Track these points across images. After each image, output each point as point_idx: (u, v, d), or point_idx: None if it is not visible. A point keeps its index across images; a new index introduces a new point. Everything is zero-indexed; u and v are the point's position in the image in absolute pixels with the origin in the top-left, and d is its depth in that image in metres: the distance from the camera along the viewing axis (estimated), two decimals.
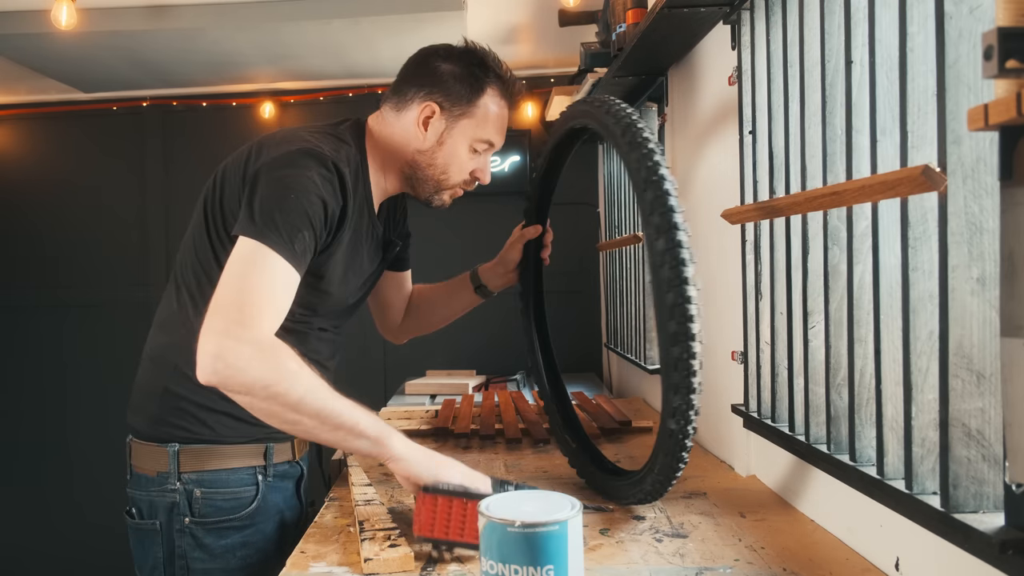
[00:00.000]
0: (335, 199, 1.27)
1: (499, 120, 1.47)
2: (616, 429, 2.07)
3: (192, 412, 1.35)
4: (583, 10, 2.55)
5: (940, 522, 0.93)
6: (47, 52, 2.92)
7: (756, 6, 1.52)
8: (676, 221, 1.15)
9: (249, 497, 1.39)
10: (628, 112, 1.28)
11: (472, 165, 1.49)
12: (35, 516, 3.69)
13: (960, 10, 0.88)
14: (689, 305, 1.13)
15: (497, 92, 1.45)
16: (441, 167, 1.46)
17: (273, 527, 1.43)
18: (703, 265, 1.96)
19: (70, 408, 3.69)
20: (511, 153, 3.52)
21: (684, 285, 1.13)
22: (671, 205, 1.15)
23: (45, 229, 3.81)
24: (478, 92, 1.43)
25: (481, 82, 1.43)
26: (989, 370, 0.89)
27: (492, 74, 1.44)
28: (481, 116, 1.44)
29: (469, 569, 1.14)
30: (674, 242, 1.15)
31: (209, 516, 1.36)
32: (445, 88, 1.41)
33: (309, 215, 1.21)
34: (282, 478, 1.47)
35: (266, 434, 1.38)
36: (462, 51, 1.45)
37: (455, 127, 1.43)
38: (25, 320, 3.77)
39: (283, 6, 2.63)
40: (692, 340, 1.13)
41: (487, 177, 1.53)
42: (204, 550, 1.36)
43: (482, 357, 3.49)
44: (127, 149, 3.82)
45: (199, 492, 1.35)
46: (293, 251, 1.18)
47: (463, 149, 1.45)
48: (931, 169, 0.87)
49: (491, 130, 1.46)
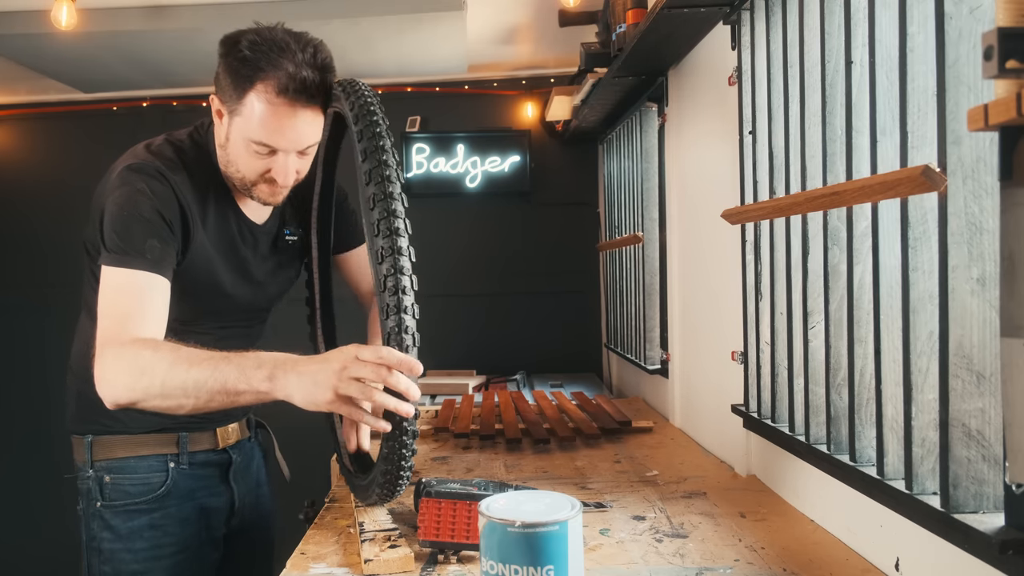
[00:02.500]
0: (171, 207, 1.31)
1: (271, 120, 1.26)
2: (616, 429, 2.07)
3: (101, 409, 1.35)
4: (583, 10, 2.55)
5: (940, 522, 0.93)
6: (47, 52, 2.92)
7: (756, 6, 1.52)
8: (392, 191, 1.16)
9: (158, 482, 1.47)
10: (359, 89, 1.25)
11: (261, 166, 1.32)
12: (26, 515, 3.70)
13: (960, 10, 0.88)
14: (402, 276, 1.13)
15: (271, 88, 1.23)
16: (234, 165, 1.34)
17: (189, 512, 1.50)
18: (703, 265, 1.97)
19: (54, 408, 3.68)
20: (511, 153, 3.51)
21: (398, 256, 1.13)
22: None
23: (45, 229, 3.81)
24: (243, 88, 1.25)
25: (245, 77, 1.24)
26: (989, 370, 0.89)
27: (265, 67, 1.23)
28: (247, 115, 1.26)
29: (469, 569, 1.14)
30: (388, 211, 1.14)
31: (117, 500, 1.45)
32: (219, 82, 1.30)
33: (150, 224, 1.27)
34: (202, 465, 1.53)
35: (174, 422, 1.45)
36: (235, 38, 1.27)
37: (232, 125, 1.30)
38: (24, 320, 3.77)
39: (283, 6, 2.62)
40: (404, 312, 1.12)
41: (283, 179, 1.32)
42: (111, 531, 1.45)
43: (482, 357, 3.48)
44: (127, 149, 3.82)
45: (108, 478, 1.45)
46: (147, 260, 1.25)
47: (242, 149, 1.31)
48: (931, 169, 0.87)
49: (260, 131, 1.27)
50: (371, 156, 1.18)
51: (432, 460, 1.82)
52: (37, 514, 3.70)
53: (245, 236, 1.47)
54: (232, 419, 1.59)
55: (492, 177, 3.54)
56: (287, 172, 1.32)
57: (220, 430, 1.56)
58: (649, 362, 2.58)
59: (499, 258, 3.60)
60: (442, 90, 3.54)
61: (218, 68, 1.30)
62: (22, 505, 3.71)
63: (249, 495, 1.63)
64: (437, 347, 3.56)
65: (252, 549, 1.67)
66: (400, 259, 1.14)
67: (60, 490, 3.42)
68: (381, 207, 1.15)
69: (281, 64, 1.24)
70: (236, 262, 1.47)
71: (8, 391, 3.78)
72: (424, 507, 1.18)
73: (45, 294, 3.72)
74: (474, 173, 3.52)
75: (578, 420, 2.13)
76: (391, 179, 1.16)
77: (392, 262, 1.13)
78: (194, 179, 1.37)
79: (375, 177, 1.16)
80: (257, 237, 1.49)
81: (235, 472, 1.59)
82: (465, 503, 1.16)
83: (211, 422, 1.52)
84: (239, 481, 1.60)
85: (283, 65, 1.24)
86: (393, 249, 1.14)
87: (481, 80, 3.57)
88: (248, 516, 1.63)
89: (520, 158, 3.53)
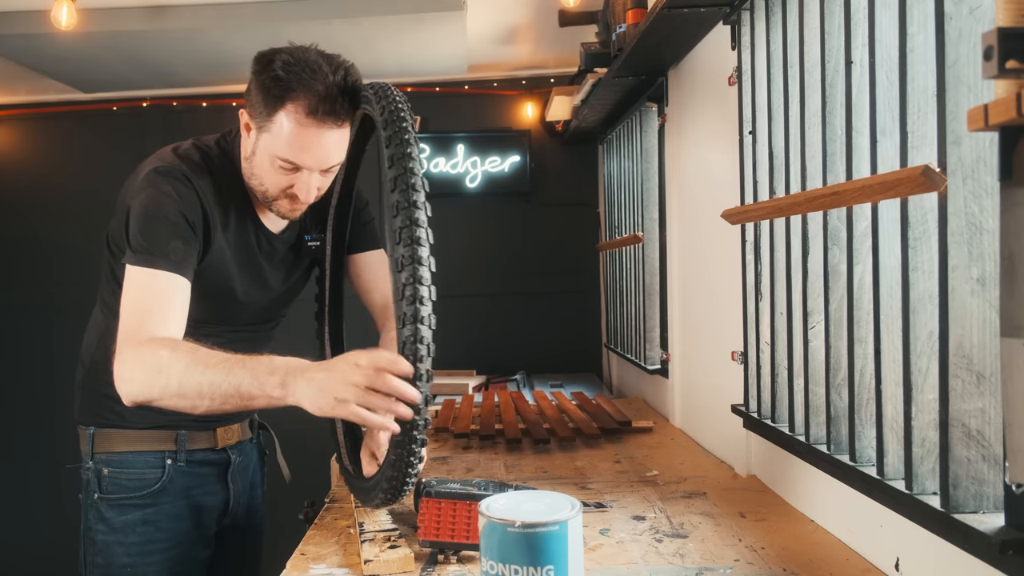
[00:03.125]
0: (194, 210, 1.34)
1: (298, 139, 1.29)
2: (616, 429, 2.07)
3: (104, 403, 1.47)
4: (583, 10, 2.55)
5: (940, 522, 0.93)
6: (47, 52, 2.92)
7: (756, 6, 1.52)
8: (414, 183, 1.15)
9: (154, 478, 1.48)
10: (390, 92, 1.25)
11: (284, 181, 1.35)
12: (26, 514, 3.70)
13: (960, 10, 0.88)
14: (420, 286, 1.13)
15: (301, 108, 1.27)
16: (258, 178, 1.37)
17: (183, 509, 1.51)
18: (703, 265, 1.97)
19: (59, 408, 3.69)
20: (511, 153, 3.52)
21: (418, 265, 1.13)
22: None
23: (44, 229, 3.81)
24: (273, 107, 1.28)
25: (276, 97, 1.27)
26: (989, 370, 0.89)
27: (296, 87, 1.26)
28: (276, 132, 1.29)
29: (469, 569, 1.14)
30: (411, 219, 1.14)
31: (113, 493, 1.47)
32: (249, 98, 1.33)
33: (175, 226, 1.30)
34: (200, 464, 1.54)
35: (169, 420, 1.45)
36: (269, 57, 1.30)
37: (259, 140, 1.32)
38: (23, 320, 3.77)
39: (283, 6, 2.63)
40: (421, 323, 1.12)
41: (304, 195, 1.35)
42: (105, 523, 1.47)
43: (482, 357, 3.48)
44: (127, 149, 3.81)
45: (107, 471, 1.48)
46: (170, 260, 1.27)
47: (267, 164, 1.33)
48: (931, 169, 0.87)
49: (286, 149, 1.30)
50: (397, 163, 1.17)
51: (432, 460, 1.82)
52: (37, 514, 3.70)
53: (263, 245, 1.49)
54: (234, 420, 1.59)
55: (492, 177, 3.54)
56: (309, 189, 1.35)
57: (220, 430, 1.56)
58: (649, 362, 2.58)
59: (499, 258, 3.60)
60: (442, 90, 3.54)
61: (250, 84, 1.32)
62: (23, 505, 3.71)
63: (244, 495, 1.64)
64: (437, 347, 3.56)
65: (243, 548, 1.68)
66: (419, 269, 1.14)
67: (60, 491, 3.44)
68: (404, 215, 1.15)
69: (312, 85, 1.26)
70: (252, 269, 1.48)
71: (10, 392, 3.78)
72: (424, 507, 1.18)
73: (49, 294, 3.72)
74: (474, 173, 3.52)
75: (578, 420, 2.13)
76: (416, 187, 1.16)
77: (411, 271, 1.13)
78: (218, 185, 1.39)
79: (400, 184, 1.16)
80: (275, 246, 1.51)
81: (233, 472, 1.59)
82: (465, 503, 1.16)
83: (213, 422, 1.53)
84: (236, 481, 1.61)
85: (314, 87, 1.26)
86: (413, 259, 1.13)
87: (481, 80, 3.57)
88: (241, 515, 1.64)
89: (520, 158, 3.53)
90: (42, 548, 3.55)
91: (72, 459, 1.55)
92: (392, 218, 1.15)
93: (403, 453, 1.15)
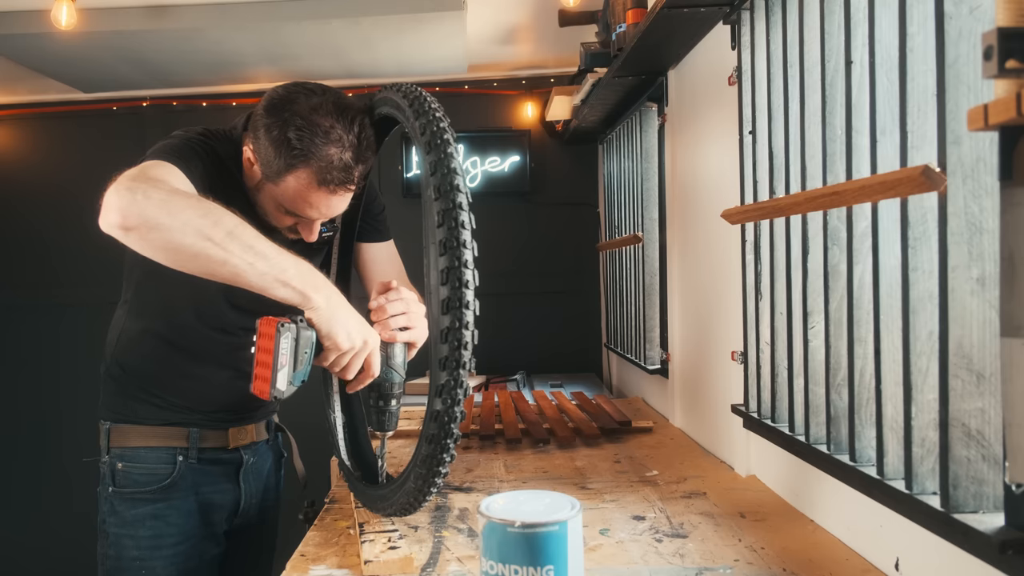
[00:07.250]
0: (213, 166, 1.30)
1: (305, 200, 1.29)
2: (616, 429, 2.07)
3: (122, 399, 1.50)
4: (583, 10, 2.55)
5: (940, 522, 0.93)
6: (47, 52, 2.92)
7: (756, 6, 1.52)
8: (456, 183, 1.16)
9: (164, 473, 1.49)
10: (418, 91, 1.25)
11: (287, 220, 1.35)
12: (35, 513, 3.70)
13: (960, 10, 0.88)
14: (464, 270, 1.15)
15: (312, 177, 1.25)
16: (261, 206, 1.36)
17: (192, 506, 1.51)
18: (703, 265, 1.97)
19: (66, 407, 3.70)
20: (511, 153, 3.52)
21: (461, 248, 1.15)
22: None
23: (45, 229, 3.81)
24: (283, 169, 1.27)
25: (287, 163, 1.26)
26: (989, 370, 0.89)
27: (309, 156, 1.24)
28: (283, 189, 1.29)
29: (469, 569, 1.14)
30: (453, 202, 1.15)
31: (126, 487, 1.49)
32: (258, 144, 1.30)
33: (198, 152, 1.28)
34: (212, 463, 1.54)
35: (183, 419, 1.49)
36: (281, 110, 1.26)
37: (265, 186, 1.32)
38: (23, 320, 3.77)
39: (283, 6, 2.62)
40: (465, 308, 1.13)
41: (307, 236, 1.36)
42: (116, 516, 1.48)
43: (482, 357, 3.48)
44: (127, 149, 3.81)
45: (120, 465, 1.49)
46: (188, 167, 1.22)
47: (271, 206, 1.34)
48: (931, 169, 0.87)
49: (292, 205, 1.30)
50: (437, 158, 1.17)
51: None
52: (46, 512, 3.70)
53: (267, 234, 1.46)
54: (249, 420, 1.58)
55: (492, 177, 3.54)
56: (312, 232, 1.36)
57: (233, 430, 1.55)
58: (649, 362, 2.58)
59: (499, 258, 3.60)
60: (442, 90, 3.53)
61: (260, 129, 1.28)
62: (32, 503, 3.71)
63: (257, 496, 1.63)
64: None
65: (255, 548, 1.67)
66: (464, 272, 1.17)
67: (69, 487, 3.45)
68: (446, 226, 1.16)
69: (325, 154, 1.24)
70: None
71: (13, 392, 3.78)
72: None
73: (49, 294, 3.72)
74: (474, 173, 3.52)
75: (578, 420, 2.13)
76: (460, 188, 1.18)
77: (457, 275, 1.16)
78: (219, 169, 1.35)
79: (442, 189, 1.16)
80: (274, 240, 1.48)
81: (246, 472, 1.59)
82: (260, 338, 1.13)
83: (226, 422, 1.53)
84: (248, 481, 1.59)
85: (327, 155, 1.24)
86: (459, 262, 1.16)
87: (481, 80, 3.57)
88: (254, 516, 1.63)
89: (520, 158, 3.53)
90: (53, 544, 3.57)
91: (79, 456, 1.57)
92: (437, 228, 1.17)
93: (427, 474, 1.16)
